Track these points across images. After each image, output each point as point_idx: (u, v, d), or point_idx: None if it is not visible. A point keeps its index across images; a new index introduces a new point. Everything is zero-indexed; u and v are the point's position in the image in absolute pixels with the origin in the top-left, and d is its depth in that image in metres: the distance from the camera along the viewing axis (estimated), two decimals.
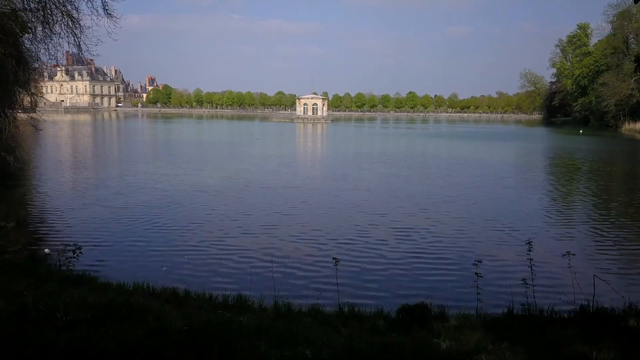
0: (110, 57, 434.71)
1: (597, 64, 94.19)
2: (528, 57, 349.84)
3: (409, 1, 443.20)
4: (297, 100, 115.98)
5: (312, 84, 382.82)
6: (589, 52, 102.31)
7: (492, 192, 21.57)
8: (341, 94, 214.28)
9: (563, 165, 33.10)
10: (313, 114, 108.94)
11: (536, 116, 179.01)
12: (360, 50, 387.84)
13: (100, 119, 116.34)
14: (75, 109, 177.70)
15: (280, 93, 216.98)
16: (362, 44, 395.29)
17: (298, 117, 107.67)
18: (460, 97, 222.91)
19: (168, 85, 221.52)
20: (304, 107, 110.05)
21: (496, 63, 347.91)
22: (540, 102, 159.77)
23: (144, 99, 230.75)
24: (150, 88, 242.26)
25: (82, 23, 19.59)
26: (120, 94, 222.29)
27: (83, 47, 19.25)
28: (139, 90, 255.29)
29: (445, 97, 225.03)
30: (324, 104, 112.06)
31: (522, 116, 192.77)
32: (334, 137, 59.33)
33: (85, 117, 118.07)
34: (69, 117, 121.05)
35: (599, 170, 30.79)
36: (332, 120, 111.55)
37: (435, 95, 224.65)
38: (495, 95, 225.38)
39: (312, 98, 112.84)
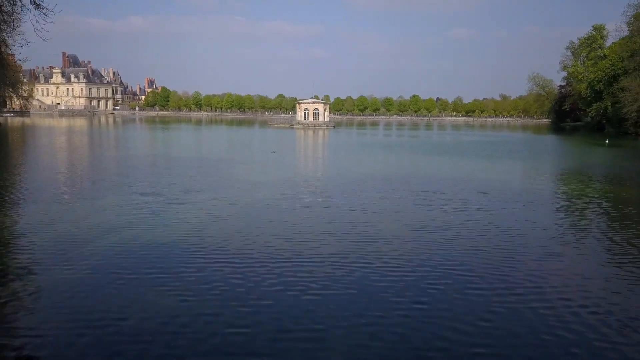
0: (110, 59, 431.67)
1: (613, 67, 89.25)
2: (532, 60, 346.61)
3: (412, 4, 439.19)
4: (297, 104, 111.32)
5: (314, 87, 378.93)
6: (604, 55, 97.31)
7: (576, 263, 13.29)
8: (343, 97, 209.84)
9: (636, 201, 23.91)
10: (314, 119, 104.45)
11: (543, 121, 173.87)
12: (363, 53, 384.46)
13: (96, 123, 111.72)
14: (71, 112, 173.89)
15: (280, 96, 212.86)
16: (365, 46, 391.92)
17: (298, 123, 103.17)
18: (465, 101, 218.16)
19: (166, 88, 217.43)
20: (305, 112, 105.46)
21: (499, 66, 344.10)
22: (548, 106, 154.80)
23: (143, 102, 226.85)
24: (149, 90, 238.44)
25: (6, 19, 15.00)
26: (119, 96, 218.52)
27: (3, 48, 14.64)
28: (137, 92, 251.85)
29: (449, 100, 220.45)
30: (325, 109, 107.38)
31: (529, 120, 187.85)
32: (335, 149, 54.51)
33: (80, 122, 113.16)
34: (63, 121, 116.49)
35: None
36: (334, 126, 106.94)
37: (439, 99, 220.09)
38: (498, 98, 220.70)
39: (312, 103, 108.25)
